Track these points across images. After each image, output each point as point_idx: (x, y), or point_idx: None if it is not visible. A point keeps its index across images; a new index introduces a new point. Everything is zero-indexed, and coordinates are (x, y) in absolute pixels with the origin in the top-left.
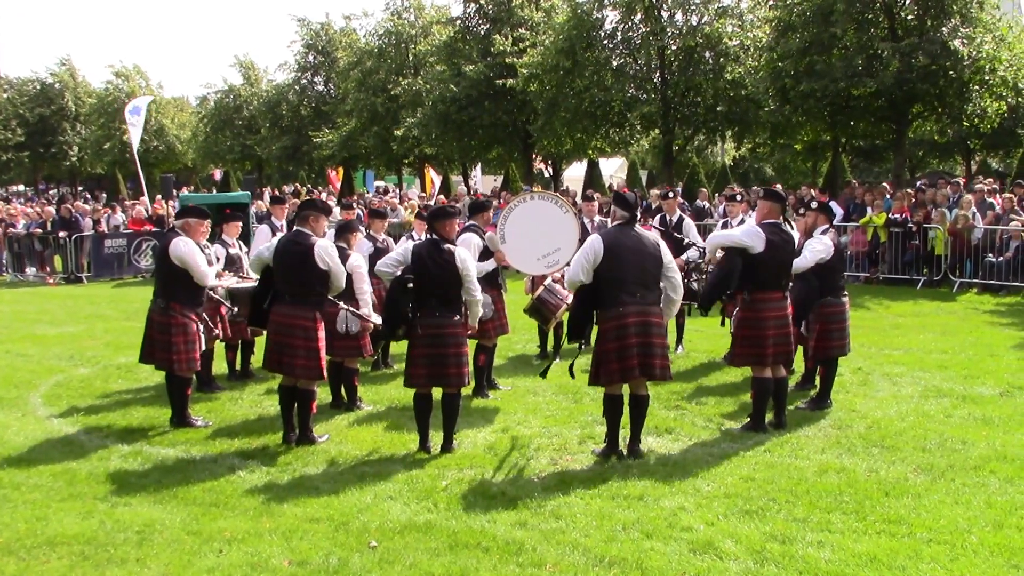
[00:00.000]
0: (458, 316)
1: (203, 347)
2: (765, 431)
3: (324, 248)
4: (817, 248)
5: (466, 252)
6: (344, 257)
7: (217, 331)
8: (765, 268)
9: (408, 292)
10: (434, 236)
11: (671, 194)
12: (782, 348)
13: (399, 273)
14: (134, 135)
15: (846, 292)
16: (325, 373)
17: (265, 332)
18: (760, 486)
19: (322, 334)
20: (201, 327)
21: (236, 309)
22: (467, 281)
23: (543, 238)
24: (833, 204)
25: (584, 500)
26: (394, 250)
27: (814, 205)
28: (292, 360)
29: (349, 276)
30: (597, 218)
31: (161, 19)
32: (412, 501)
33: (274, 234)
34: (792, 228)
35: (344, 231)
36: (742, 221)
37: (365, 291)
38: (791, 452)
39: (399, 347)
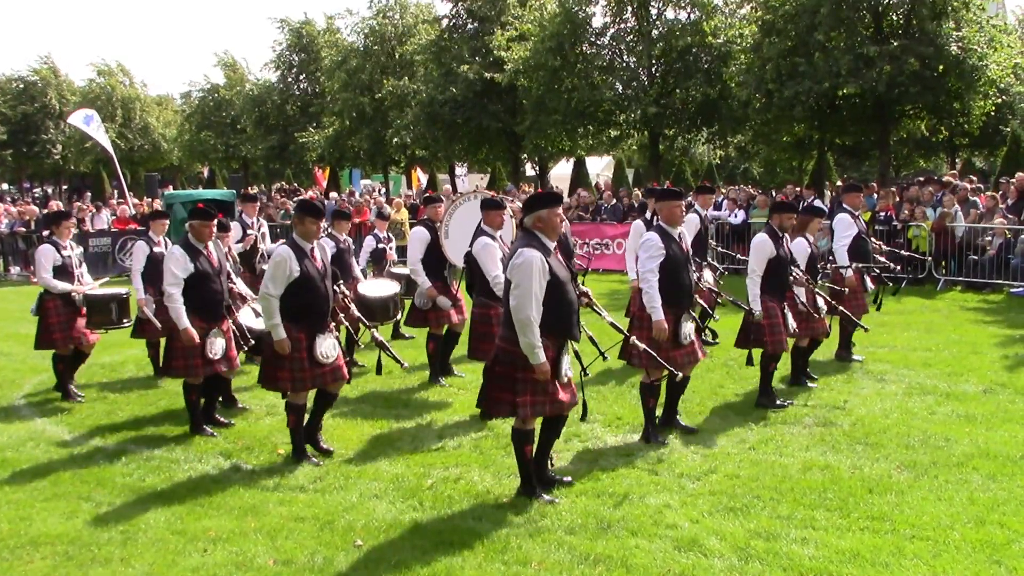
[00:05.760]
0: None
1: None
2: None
3: None
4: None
5: (483, 242)
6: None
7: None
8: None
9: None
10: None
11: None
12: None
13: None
14: (103, 141)
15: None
16: None
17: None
18: (745, 483)
19: None
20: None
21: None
22: (483, 267)
23: None
24: (816, 202)
25: (569, 498)
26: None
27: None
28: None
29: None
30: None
31: (144, 17)
32: (397, 500)
33: (244, 231)
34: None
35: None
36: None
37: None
38: (775, 450)
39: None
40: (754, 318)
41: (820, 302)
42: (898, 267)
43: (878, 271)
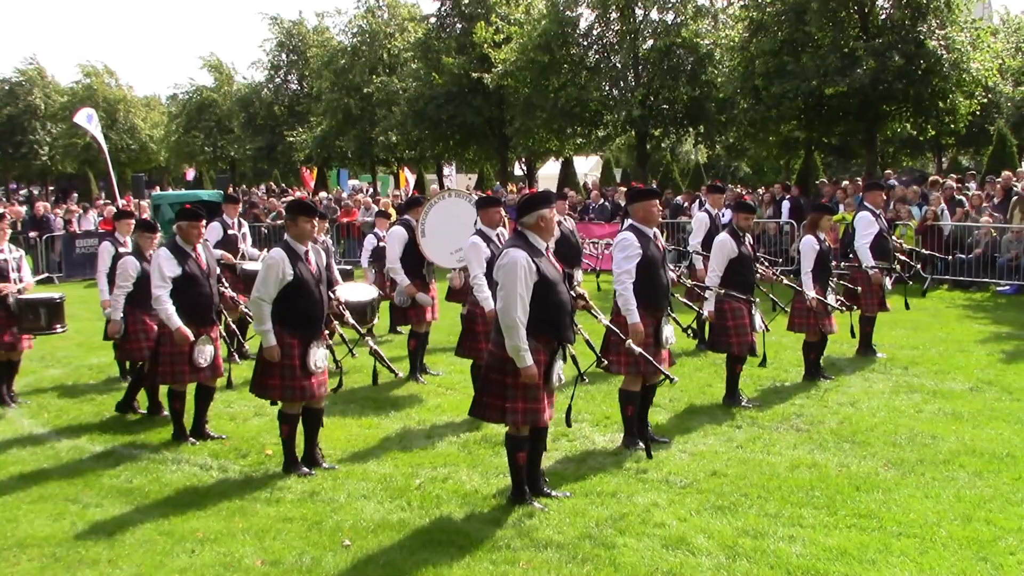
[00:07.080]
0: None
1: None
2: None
3: None
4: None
5: (472, 241)
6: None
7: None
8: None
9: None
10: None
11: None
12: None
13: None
14: (102, 140)
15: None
16: None
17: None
18: (732, 482)
19: None
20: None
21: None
22: (468, 265)
23: (456, 234)
24: (784, 203)
25: (558, 497)
26: None
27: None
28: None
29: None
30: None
31: (132, 18)
32: (386, 500)
33: (225, 232)
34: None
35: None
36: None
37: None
38: (763, 448)
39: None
40: (707, 317)
41: (831, 299)
42: (919, 265)
43: (898, 269)
